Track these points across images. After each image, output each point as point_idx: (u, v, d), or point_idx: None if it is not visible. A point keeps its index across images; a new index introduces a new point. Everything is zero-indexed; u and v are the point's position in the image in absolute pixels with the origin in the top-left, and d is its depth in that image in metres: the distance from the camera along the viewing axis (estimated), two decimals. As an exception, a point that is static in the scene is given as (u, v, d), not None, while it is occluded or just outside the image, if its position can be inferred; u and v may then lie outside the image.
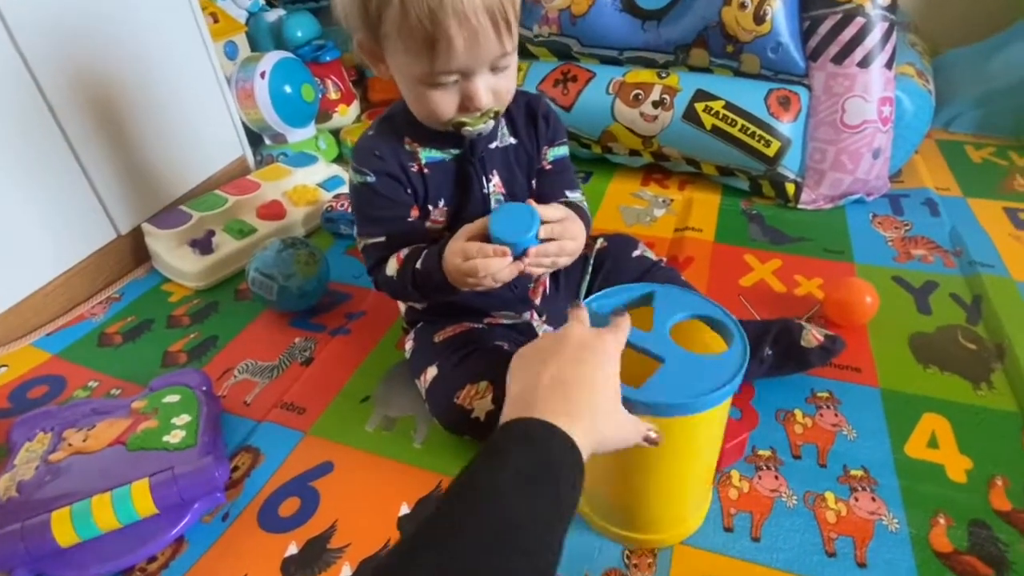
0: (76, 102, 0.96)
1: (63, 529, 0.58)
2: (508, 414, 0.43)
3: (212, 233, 1.04)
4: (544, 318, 0.78)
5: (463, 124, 0.60)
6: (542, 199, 0.70)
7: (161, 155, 1.12)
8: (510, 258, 0.56)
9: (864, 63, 1.00)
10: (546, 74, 1.23)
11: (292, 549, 0.60)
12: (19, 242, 0.91)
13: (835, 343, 0.73)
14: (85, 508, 0.59)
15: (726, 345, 0.52)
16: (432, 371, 0.70)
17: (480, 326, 0.75)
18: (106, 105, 1.01)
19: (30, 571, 0.58)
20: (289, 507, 0.65)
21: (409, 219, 0.68)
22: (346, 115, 1.49)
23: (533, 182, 0.73)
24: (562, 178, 0.73)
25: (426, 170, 0.67)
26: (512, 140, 0.70)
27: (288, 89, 1.28)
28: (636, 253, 0.81)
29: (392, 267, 0.66)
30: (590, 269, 0.81)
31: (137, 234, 1.07)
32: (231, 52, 1.39)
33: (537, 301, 0.77)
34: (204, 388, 0.75)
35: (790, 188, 1.09)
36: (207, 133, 1.23)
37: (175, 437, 0.67)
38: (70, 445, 0.67)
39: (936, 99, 1.16)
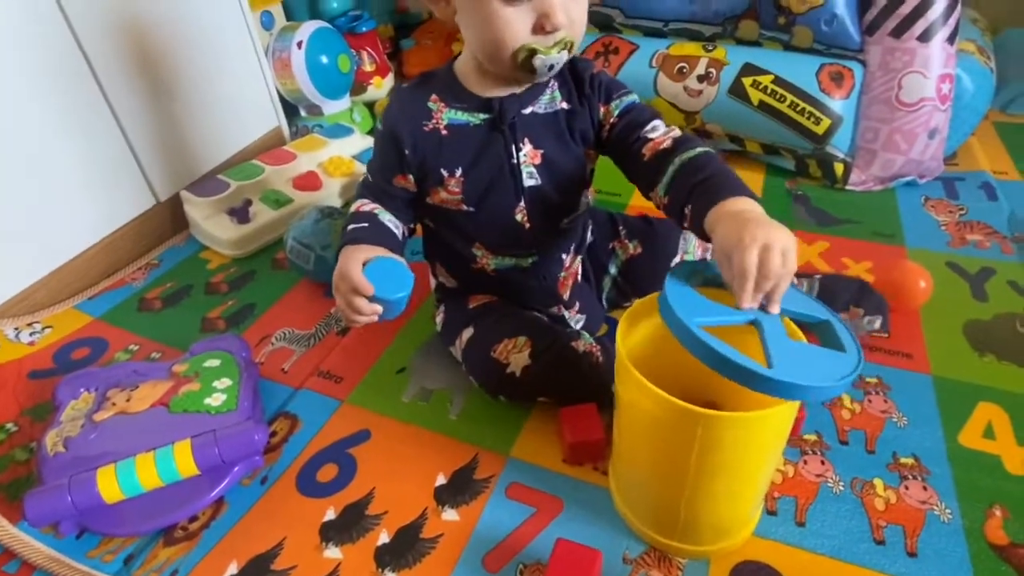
0: (119, 70, 0.96)
1: (108, 485, 0.59)
2: None
3: (249, 202, 1.04)
4: (576, 308, 0.76)
5: (535, 52, 0.55)
6: (623, 152, 0.64)
7: (199, 124, 1.12)
8: (371, 306, 0.56)
9: (925, 37, 0.95)
10: (586, 46, 1.20)
11: (330, 514, 0.61)
12: (63, 207, 0.93)
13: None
14: (130, 466, 0.60)
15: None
16: (468, 332, 0.70)
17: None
18: (147, 73, 1.01)
19: (75, 524, 0.60)
20: (327, 473, 0.65)
21: (390, 180, 0.65)
22: (381, 88, 1.47)
23: (591, 151, 0.68)
24: (636, 120, 0.64)
25: (445, 132, 0.63)
26: (564, 105, 0.65)
27: (324, 59, 1.27)
28: (676, 260, 0.77)
29: (352, 207, 0.66)
30: (615, 272, 0.79)
31: (175, 202, 1.07)
32: (267, 22, 1.38)
33: (566, 296, 0.74)
34: (243, 354, 0.76)
35: (839, 168, 1.05)
36: (244, 103, 1.23)
37: (216, 400, 0.67)
38: (114, 404, 0.68)
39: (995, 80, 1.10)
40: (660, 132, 0.62)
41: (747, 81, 1.05)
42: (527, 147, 0.64)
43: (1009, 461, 0.62)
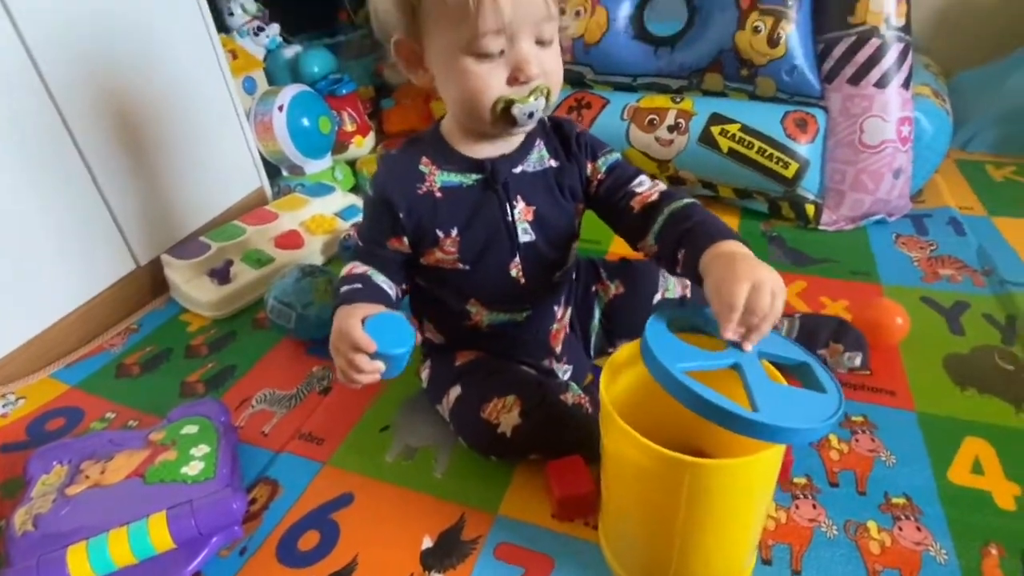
0: (99, 136, 0.97)
1: (79, 564, 0.56)
2: None
3: (230, 263, 1.04)
4: (565, 360, 0.76)
5: (512, 103, 0.56)
6: (611, 206, 0.66)
7: (180, 187, 1.13)
8: (373, 364, 0.54)
9: (881, 83, 1.00)
10: (560, 102, 1.24)
11: (312, 585, 0.58)
12: (40, 274, 0.92)
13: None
14: (101, 543, 0.58)
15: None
16: (456, 391, 0.69)
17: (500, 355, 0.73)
18: (128, 138, 1.02)
19: (44, 609, 0.57)
20: (308, 541, 0.63)
21: (384, 244, 0.65)
22: (362, 146, 1.50)
23: (579, 205, 0.69)
24: (623, 176, 0.66)
25: (439, 194, 0.64)
26: (552, 163, 0.66)
27: (306, 122, 1.30)
28: (658, 297, 0.78)
29: (343, 271, 0.65)
30: (599, 315, 0.79)
31: (156, 265, 1.07)
32: (249, 87, 1.42)
33: (558, 348, 0.75)
34: (222, 419, 0.74)
35: (810, 209, 1.08)
36: (226, 165, 1.24)
37: (193, 469, 0.65)
38: (87, 477, 0.66)
39: (952, 120, 1.15)
40: (647, 186, 0.65)
41: (716, 130, 1.08)
42: (520, 204, 0.65)
43: (1000, 497, 0.61)
